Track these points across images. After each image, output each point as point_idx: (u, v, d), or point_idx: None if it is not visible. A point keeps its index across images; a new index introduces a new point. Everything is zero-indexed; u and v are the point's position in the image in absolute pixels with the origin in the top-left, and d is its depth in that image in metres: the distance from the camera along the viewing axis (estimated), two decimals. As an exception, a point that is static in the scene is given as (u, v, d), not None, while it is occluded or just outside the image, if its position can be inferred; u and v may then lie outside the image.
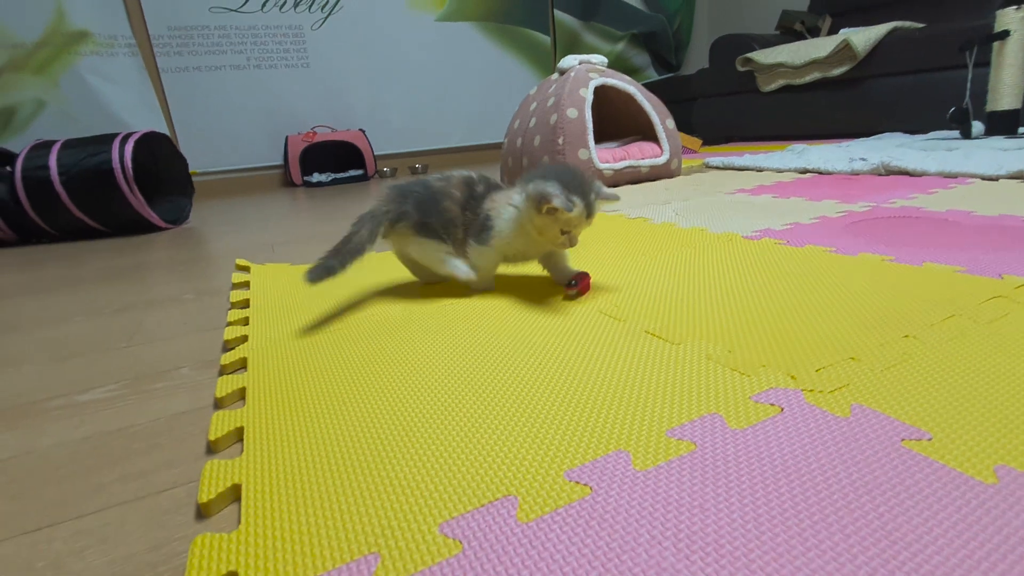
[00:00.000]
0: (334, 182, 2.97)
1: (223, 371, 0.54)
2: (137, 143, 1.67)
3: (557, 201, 0.57)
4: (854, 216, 0.94)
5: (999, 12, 1.74)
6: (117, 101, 2.70)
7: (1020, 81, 1.73)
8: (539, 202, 0.58)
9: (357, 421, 0.41)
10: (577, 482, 0.31)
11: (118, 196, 1.61)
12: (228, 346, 0.61)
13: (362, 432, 0.39)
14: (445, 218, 0.66)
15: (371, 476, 0.34)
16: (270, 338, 0.60)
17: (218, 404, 0.48)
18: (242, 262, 0.98)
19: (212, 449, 0.41)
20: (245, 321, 0.68)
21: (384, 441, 0.38)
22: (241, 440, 0.41)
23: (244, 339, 0.61)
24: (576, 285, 0.64)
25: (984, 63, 1.87)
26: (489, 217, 0.65)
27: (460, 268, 0.67)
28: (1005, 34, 1.71)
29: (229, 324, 0.67)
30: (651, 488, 0.30)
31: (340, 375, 0.49)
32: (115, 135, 1.67)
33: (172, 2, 2.76)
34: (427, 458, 0.35)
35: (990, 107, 1.78)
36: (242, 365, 0.55)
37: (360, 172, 3.07)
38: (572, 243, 0.62)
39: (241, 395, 0.48)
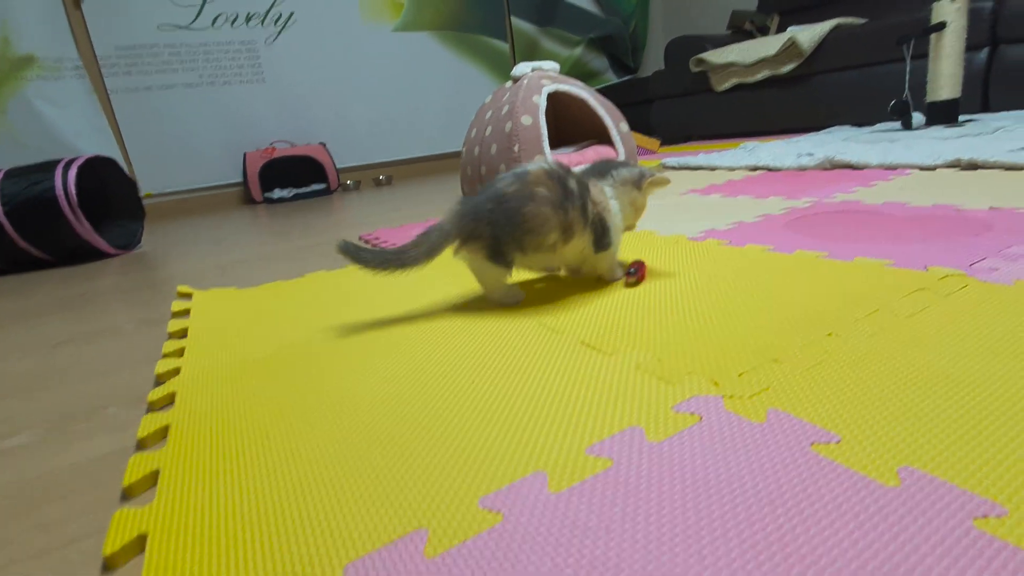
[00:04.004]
0: (296, 197, 2.93)
1: (150, 408, 0.52)
2: (81, 168, 1.62)
3: (657, 172, 0.69)
4: (796, 212, 0.96)
5: (935, 4, 1.80)
6: (66, 125, 2.62)
7: (958, 71, 1.80)
8: (640, 181, 0.69)
9: (276, 457, 0.39)
10: (490, 509, 0.31)
11: (63, 224, 1.55)
12: (159, 380, 0.59)
13: (279, 468, 0.38)
14: (524, 229, 0.60)
15: (279, 517, 0.33)
16: (203, 369, 0.58)
17: (140, 445, 0.46)
18: (184, 288, 0.95)
19: (127, 495, 0.39)
20: (181, 352, 0.66)
21: (299, 478, 0.36)
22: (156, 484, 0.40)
23: (177, 372, 0.59)
24: (635, 273, 0.68)
25: (922, 55, 1.93)
26: (603, 219, 0.65)
27: (512, 296, 0.67)
28: (941, 26, 1.77)
29: (164, 356, 0.65)
30: (561, 512, 0.30)
31: (268, 406, 0.48)
32: (58, 161, 1.62)
33: (118, 22, 2.69)
34: (340, 495, 0.34)
35: (930, 98, 1.84)
36: (171, 400, 0.53)
37: (323, 186, 3.04)
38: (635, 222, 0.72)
39: (164, 434, 0.47)
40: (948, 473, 0.29)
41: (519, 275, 0.78)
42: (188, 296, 0.92)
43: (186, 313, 0.83)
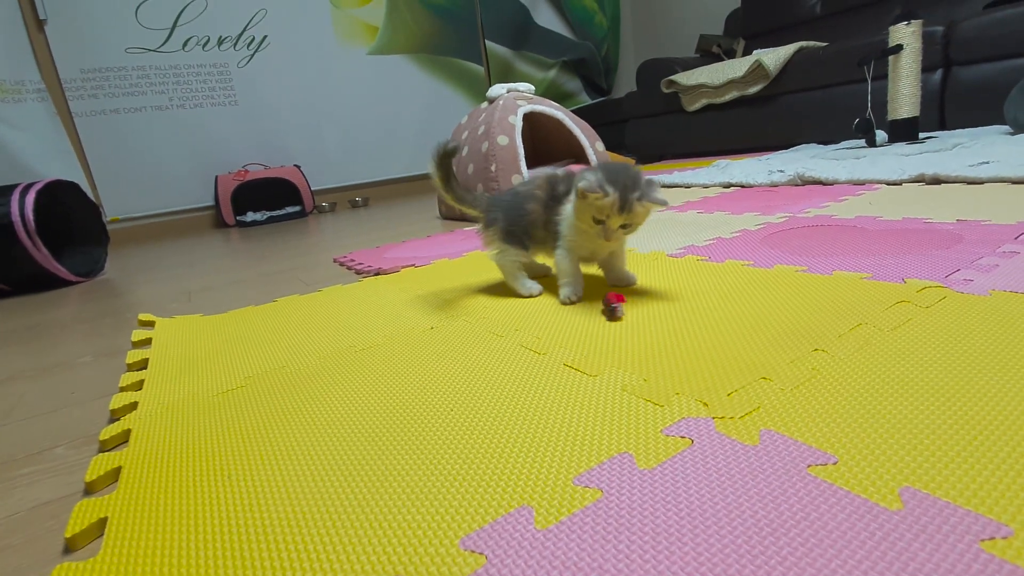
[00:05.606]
0: (270, 220, 2.87)
1: (102, 447, 0.48)
2: (39, 193, 1.56)
3: (583, 184, 0.59)
4: (772, 228, 0.97)
5: (891, 28, 1.88)
6: (27, 149, 2.54)
7: (916, 91, 1.87)
8: (577, 186, 0.62)
9: (236, 500, 0.36)
10: (472, 551, 0.28)
11: (20, 251, 1.49)
12: (114, 416, 0.55)
13: (237, 514, 0.35)
14: (527, 220, 0.71)
15: (237, 572, 0.30)
16: (163, 403, 0.55)
17: (88, 489, 0.42)
18: (145, 316, 0.90)
19: (69, 548, 0.36)
20: (139, 385, 0.62)
21: (262, 524, 0.33)
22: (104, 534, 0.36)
23: (134, 407, 0.55)
24: (613, 311, 0.62)
25: (882, 76, 2.01)
26: (559, 223, 0.69)
27: (526, 287, 0.75)
28: (899, 48, 1.85)
29: (121, 390, 0.61)
30: (549, 550, 0.27)
31: (232, 442, 0.44)
32: (15, 186, 1.55)
33: (84, 45, 2.64)
34: (308, 545, 0.31)
35: (891, 116, 1.90)
36: (125, 439, 0.49)
37: (297, 208, 2.99)
38: (607, 236, 0.63)
39: (116, 476, 0.43)
40: (950, 493, 0.28)
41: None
42: (150, 324, 0.87)
43: (147, 343, 0.79)
